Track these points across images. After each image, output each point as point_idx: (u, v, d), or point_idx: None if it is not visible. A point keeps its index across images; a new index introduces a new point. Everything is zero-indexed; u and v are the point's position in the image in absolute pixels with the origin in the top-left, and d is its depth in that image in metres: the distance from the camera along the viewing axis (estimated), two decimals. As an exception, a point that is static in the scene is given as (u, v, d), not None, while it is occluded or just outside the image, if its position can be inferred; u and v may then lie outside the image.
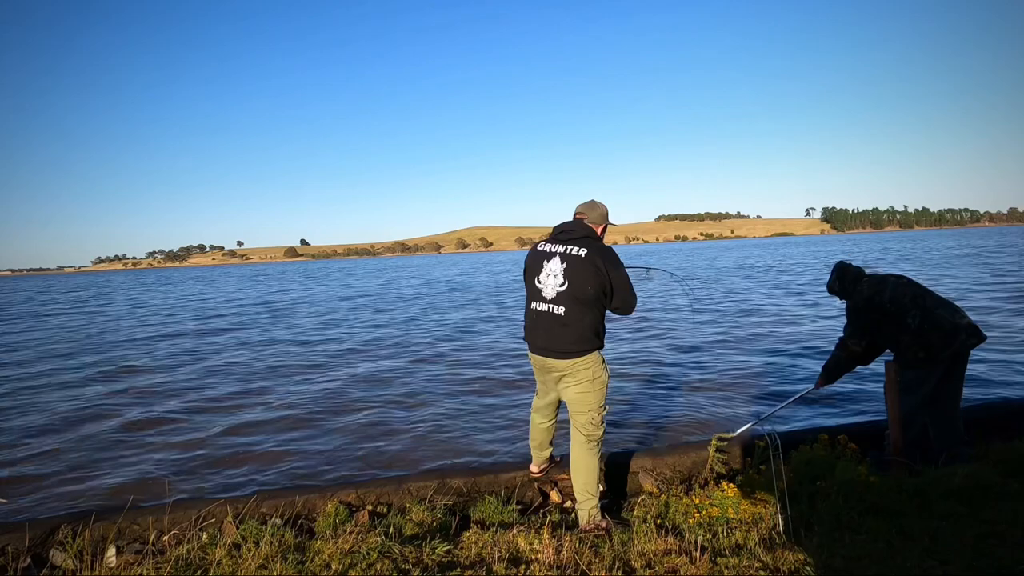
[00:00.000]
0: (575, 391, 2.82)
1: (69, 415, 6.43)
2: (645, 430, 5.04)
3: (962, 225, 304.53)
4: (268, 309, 19.34)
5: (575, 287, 2.73)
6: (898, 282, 3.37)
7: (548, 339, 2.81)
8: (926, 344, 3.16)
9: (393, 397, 6.62)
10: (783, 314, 12.01)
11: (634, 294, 2.81)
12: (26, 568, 2.65)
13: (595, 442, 2.83)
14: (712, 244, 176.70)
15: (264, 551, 2.34)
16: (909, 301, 3.25)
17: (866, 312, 3.35)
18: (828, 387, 3.77)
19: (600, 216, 2.96)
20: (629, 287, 2.79)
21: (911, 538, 2.27)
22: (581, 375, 2.78)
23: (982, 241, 54.46)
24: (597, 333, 2.80)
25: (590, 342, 2.78)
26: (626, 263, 2.89)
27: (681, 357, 8.07)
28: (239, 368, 8.90)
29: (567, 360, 2.78)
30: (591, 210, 2.96)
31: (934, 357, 3.16)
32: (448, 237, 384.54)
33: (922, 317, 3.19)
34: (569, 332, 2.75)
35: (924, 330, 3.17)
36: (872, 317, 3.33)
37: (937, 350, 3.15)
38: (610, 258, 2.77)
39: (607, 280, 2.74)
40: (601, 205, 3.00)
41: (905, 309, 3.23)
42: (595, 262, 2.73)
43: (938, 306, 3.25)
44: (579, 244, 2.80)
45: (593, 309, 2.77)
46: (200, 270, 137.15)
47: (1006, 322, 9.42)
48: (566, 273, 2.76)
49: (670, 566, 2.19)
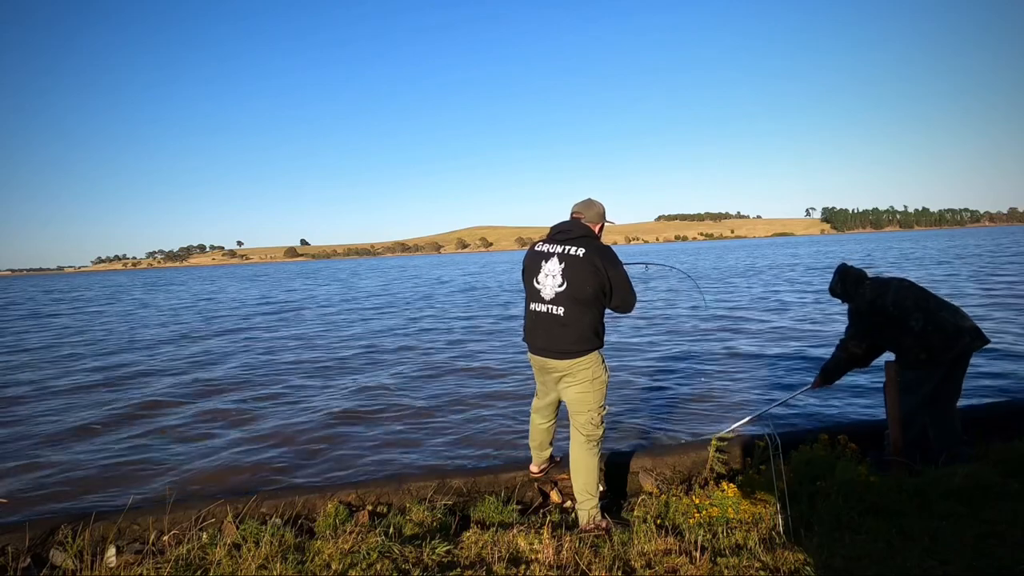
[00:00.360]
0: (575, 391, 2.81)
1: (72, 415, 6.43)
2: (645, 430, 5.03)
3: (962, 225, 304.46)
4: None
5: (574, 287, 2.73)
6: (900, 285, 3.37)
7: (547, 340, 2.81)
8: (928, 346, 3.17)
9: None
10: (784, 314, 12.01)
11: (633, 292, 2.81)
12: (26, 568, 2.65)
13: (595, 442, 2.83)
14: (712, 244, 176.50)
15: (264, 551, 2.34)
16: (912, 304, 3.25)
17: (868, 315, 3.35)
18: (825, 388, 3.77)
19: (597, 215, 2.95)
20: (628, 286, 2.79)
21: (911, 538, 2.27)
22: (581, 375, 2.78)
23: (984, 241, 54.45)
24: (596, 333, 2.80)
25: (590, 342, 2.77)
26: (624, 261, 2.88)
27: (682, 357, 8.07)
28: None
29: (567, 360, 2.78)
30: (588, 209, 2.95)
31: (936, 359, 3.17)
32: (448, 237, 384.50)
33: (925, 320, 3.19)
34: (568, 332, 2.75)
35: (927, 332, 3.17)
36: (875, 320, 3.33)
37: (939, 352, 3.16)
38: (608, 257, 2.77)
39: (606, 279, 2.73)
40: (598, 204, 2.99)
41: (908, 312, 3.23)
42: (593, 262, 2.72)
43: (941, 308, 3.26)
44: (577, 244, 2.79)
45: (592, 309, 2.77)
46: (205, 270, 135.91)
47: (1007, 320, 9.42)
48: (564, 273, 2.75)
49: (670, 566, 2.19)
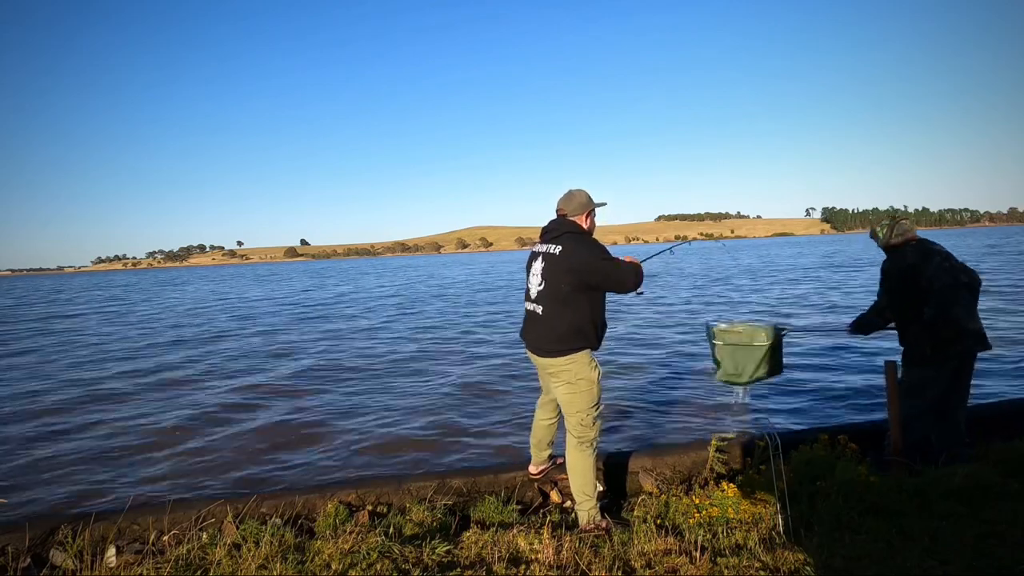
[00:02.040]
0: (561, 391, 2.83)
1: (73, 416, 6.44)
2: (645, 430, 5.04)
3: (962, 225, 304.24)
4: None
5: (551, 285, 2.77)
6: (942, 263, 3.19)
7: (533, 337, 2.87)
8: (934, 340, 3.11)
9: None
10: (786, 314, 12.01)
11: (621, 271, 2.74)
12: (26, 568, 2.65)
13: (587, 443, 2.81)
14: (712, 244, 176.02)
15: (264, 551, 2.34)
16: (940, 287, 3.12)
17: (898, 279, 3.22)
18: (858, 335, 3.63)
19: (579, 206, 2.87)
20: (610, 269, 2.73)
21: (911, 538, 2.27)
22: (564, 375, 2.78)
23: (980, 241, 54.43)
24: (580, 332, 2.75)
25: (571, 341, 2.75)
26: (647, 253, 2.87)
27: (683, 356, 8.07)
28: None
29: (549, 359, 2.80)
30: (568, 202, 2.89)
31: (940, 355, 3.12)
32: (448, 237, 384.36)
33: (937, 311, 3.10)
34: (549, 331, 2.78)
35: (936, 326, 3.10)
36: (904, 286, 3.19)
37: (943, 347, 3.10)
38: (582, 250, 2.73)
39: (585, 273, 2.71)
40: (578, 193, 2.91)
41: (932, 295, 3.11)
42: (569, 258, 2.72)
43: (957, 303, 3.16)
44: (556, 242, 2.81)
45: (573, 307, 2.74)
46: (206, 270, 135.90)
47: (1006, 320, 9.42)
48: (543, 272, 2.80)
49: (670, 566, 2.19)
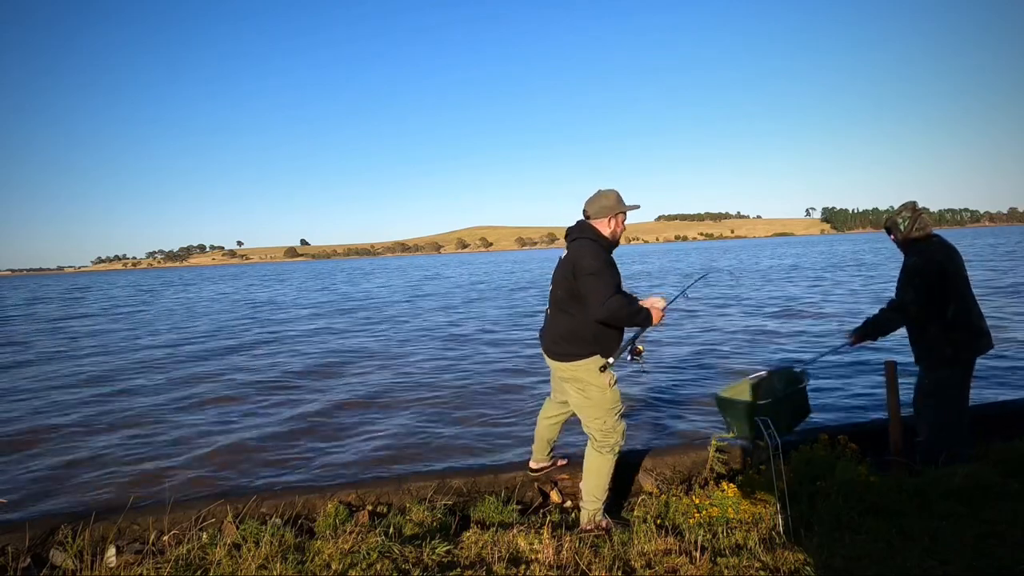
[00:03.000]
0: (572, 397, 2.83)
1: (73, 416, 6.43)
2: (645, 430, 5.03)
3: (962, 225, 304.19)
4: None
5: (554, 289, 2.79)
6: (959, 262, 3.12)
7: (543, 339, 2.90)
8: (954, 341, 3.03)
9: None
10: (788, 314, 12.01)
11: (599, 295, 2.54)
12: (26, 568, 2.65)
13: (607, 448, 2.76)
14: (712, 244, 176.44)
15: (264, 551, 2.34)
16: (962, 286, 3.06)
17: (930, 275, 3.01)
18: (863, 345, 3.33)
19: (602, 208, 2.75)
20: (590, 287, 2.56)
21: (911, 538, 2.27)
22: (574, 381, 2.78)
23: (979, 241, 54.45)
24: (582, 338, 2.68)
25: (575, 346, 2.70)
26: (671, 294, 2.86)
27: (683, 356, 8.07)
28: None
29: (556, 362, 2.81)
30: (592, 204, 2.79)
31: (959, 356, 3.06)
32: (448, 237, 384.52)
33: (957, 311, 3.03)
34: (552, 334, 2.80)
35: (956, 326, 3.03)
36: (935, 283, 3.01)
37: (961, 349, 3.06)
38: (581, 258, 2.62)
39: (574, 281, 2.63)
40: (605, 195, 2.77)
41: (955, 294, 3.03)
42: (569, 264, 2.69)
43: (975, 303, 3.13)
44: (570, 246, 2.80)
45: (571, 313, 2.70)
46: (211, 270, 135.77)
47: (1006, 320, 9.42)
48: (554, 275, 2.81)
49: (670, 566, 2.19)
